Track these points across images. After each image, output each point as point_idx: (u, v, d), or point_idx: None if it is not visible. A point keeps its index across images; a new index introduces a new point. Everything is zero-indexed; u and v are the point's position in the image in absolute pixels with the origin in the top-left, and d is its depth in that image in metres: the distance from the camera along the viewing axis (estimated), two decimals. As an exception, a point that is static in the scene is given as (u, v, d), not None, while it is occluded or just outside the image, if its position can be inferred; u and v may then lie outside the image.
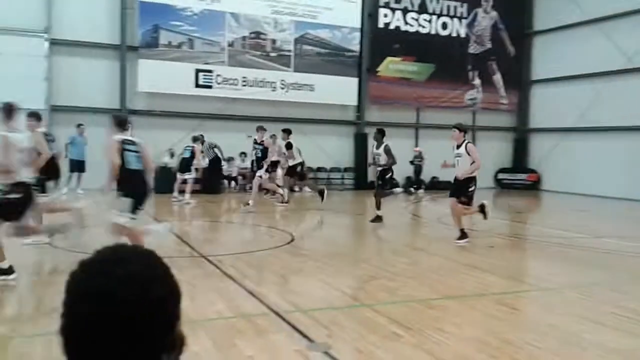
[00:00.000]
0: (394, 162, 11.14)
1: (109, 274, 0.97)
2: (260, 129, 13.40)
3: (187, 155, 14.70)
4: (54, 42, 16.04)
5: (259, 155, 13.26)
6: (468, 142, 9.14)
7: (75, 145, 15.12)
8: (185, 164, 14.68)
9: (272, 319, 4.89)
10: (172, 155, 16.91)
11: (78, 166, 15.08)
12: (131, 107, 17.02)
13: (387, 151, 11.01)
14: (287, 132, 14.12)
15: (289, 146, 14.08)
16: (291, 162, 14.21)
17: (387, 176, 11.26)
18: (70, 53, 16.32)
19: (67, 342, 0.97)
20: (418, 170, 19.60)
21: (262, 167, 13.20)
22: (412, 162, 19.35)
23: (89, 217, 7.94)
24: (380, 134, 11.23)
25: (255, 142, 13.41)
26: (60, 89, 16.15)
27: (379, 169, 11.23)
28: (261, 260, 7.58)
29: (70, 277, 1.00)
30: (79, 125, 15.34)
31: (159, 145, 16.97)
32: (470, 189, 9.00)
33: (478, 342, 4.40)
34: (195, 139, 14.79)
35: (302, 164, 14.59)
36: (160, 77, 16.98)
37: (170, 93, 17.25)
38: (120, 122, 6.72)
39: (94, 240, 7.79)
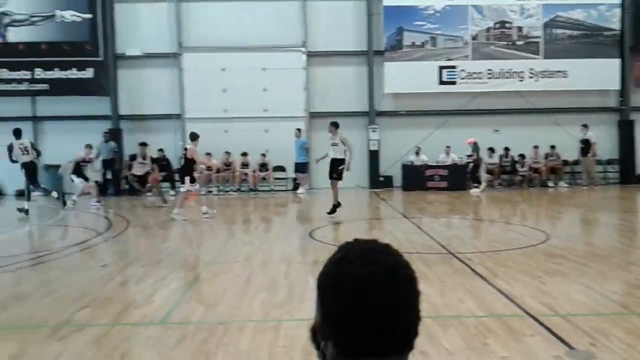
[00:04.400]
0: None
1: (374, 263, 1.05)
2: None
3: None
4: (310, 54, 17.61)
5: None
6: None
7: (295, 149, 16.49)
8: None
9: (526, 321, 4.66)
10: (417, 153, 17.23)
11: (297, 168, 16.46)
12: (378, 109, 17.81)
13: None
14: None
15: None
16: None
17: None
18: (324, 63, 17.73)
19: (337, 327, 1.05)
20: None
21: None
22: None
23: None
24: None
25: None
26: (317, 96, 17.66)
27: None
28: (513, 259, 7.26)
29: (334, 267, 1.07)
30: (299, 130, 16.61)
31: (405, 144, 17.47)
32: None
33: None
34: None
35: None
36: (404, 77, 17.43)
37: (415, 92, 17.57)
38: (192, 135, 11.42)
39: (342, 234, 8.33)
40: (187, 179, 11.55)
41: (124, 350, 4.28)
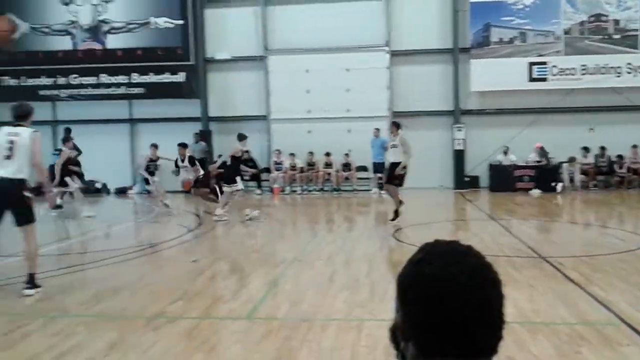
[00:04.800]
0: None
1: (455, 264, 1.04)
2: None
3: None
4: (393, 54, 17.49)
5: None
6: None
7: (373, 148, 16.21)
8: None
9: (622, 330, 4.41)
10: (505, 152, 16.69)
11: (376, 168, 16.12)
12: (464, 108, 17.41)
13: None
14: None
15: None
16: None
17: None
18: (407, 62, 17.54)
19: (417, 328, 1.05)
20: None
21: None
22: None
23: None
24: None
25: None
26: (400, 95, 17.51)
27: None
28: (609, 265, 6.87)
29: (414, 268, 1.07)
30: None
31: (492, 143, 16.96)
32: None
33: None
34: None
35: None
36: (491, 75, 16.91)
37: (502, 90, 17.01)
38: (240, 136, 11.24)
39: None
40: (237, 178, 11.51)
41: (213, 343, 4.46)
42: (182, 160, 12.64)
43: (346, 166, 17.17)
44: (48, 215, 11.39)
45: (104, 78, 18.18)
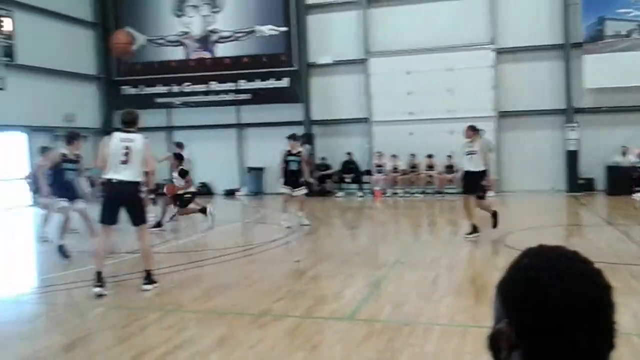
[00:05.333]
0: None
1: (563, 270, 1.00)
2: None
3: None
4: (499, 52, 16.89)
5: None
6: None
7: None
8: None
9: None
10: (624, 153, 15.56)
11: None
12: (577, 106, 16.45)
13: None
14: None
15: None
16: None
17: None
18: (514, 59, 16.86)
19: (524, 337, 1.01)
20: None
21: None
22: None
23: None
24: None
25: None
26: (506, 95, 16.86)
27: None
28: None
29: (518, 274, 1.04)
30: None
31: (608, 143, 15.89)
32: None
33: None
34: None
35: None
36: (607, 70, 15.84)
37: (619, 86, 15.87)
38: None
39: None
40: (301, 180, 11.08)
41: (314, 342, 4.54)
42: (174, 170, 11.48)
43: (449, 168, 16.80)
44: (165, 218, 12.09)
45: (214, 85, 19.06)
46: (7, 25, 13.82)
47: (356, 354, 4.24)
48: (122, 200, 6.24)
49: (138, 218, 6.33)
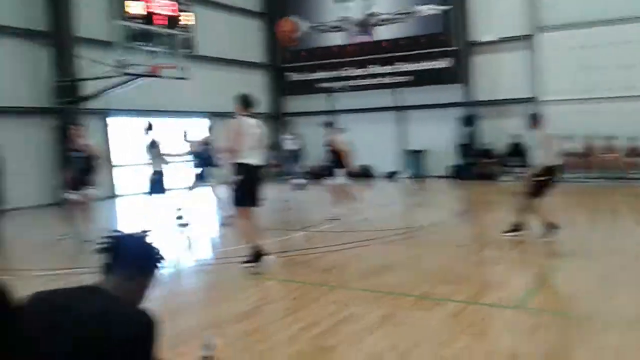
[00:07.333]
0: None
1: None
2: None
3: None
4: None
5: None
6: None
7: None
8: None
9: None
10: None
11: None
12: None
13: None
14: None
15: None
16: None
17: None
18: None
19: None
20: None
21: None
22: None
23: None
24: None
25: None
26: None
27: None
28: None
29: None
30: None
31: None
32: None
33: None
34: None
35: None
36: None
37: None
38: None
39: None
40: (337, 170, 10.32)
41: (479, 328, 4.42)
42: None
43: (633, 151, 15.16)
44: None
45: (372, 69, 19.16)
46: (188, 19, 15.00)
47: (525, 343, 4.04)
48: (261, 182, 6.55)
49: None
